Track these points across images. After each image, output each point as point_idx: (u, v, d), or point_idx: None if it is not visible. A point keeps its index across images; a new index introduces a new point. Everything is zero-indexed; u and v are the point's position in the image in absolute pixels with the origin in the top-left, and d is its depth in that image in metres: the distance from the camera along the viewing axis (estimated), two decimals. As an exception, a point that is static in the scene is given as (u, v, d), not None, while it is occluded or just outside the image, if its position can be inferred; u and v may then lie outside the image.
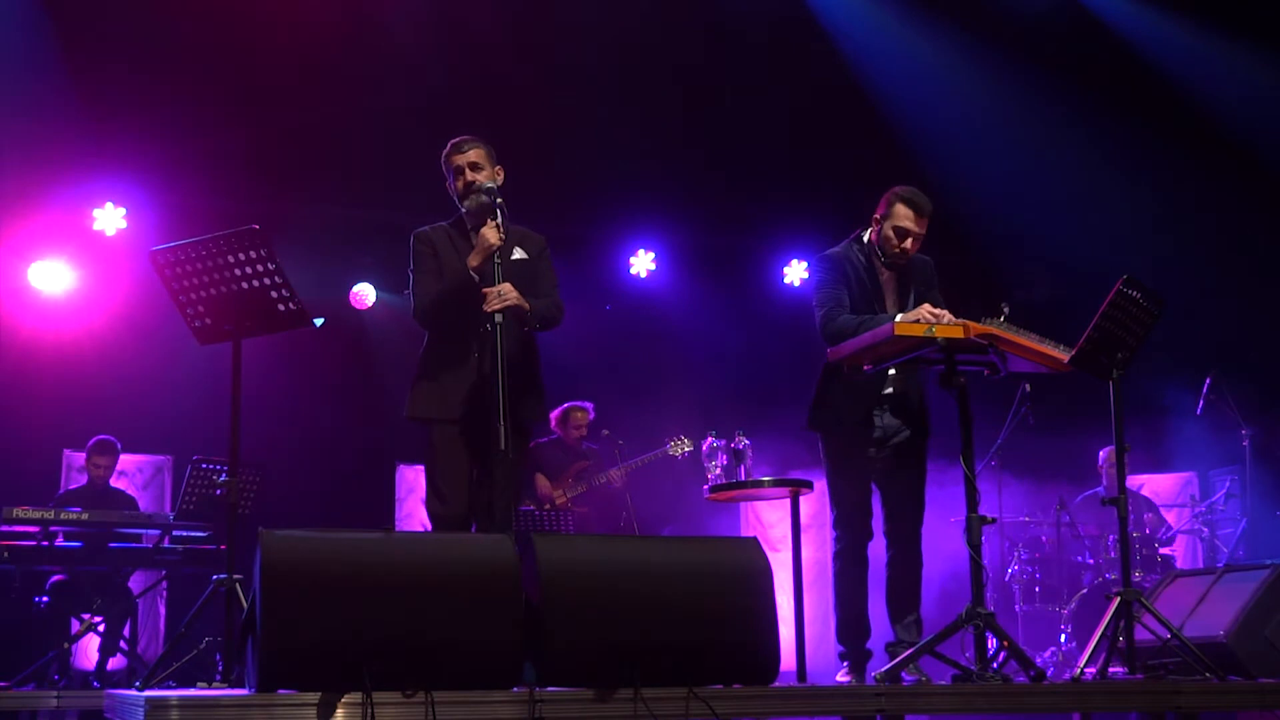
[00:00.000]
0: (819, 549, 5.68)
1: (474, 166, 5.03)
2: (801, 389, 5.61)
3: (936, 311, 4.95)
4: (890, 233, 5.34)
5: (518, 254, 4.95)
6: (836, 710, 4.48)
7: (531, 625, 3.93)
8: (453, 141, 5.12)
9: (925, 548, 5.45)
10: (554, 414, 8.69)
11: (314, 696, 3.64)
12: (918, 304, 5.23)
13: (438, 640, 3.76)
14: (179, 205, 9.14)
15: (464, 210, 5.05)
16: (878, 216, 5.40)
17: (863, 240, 5.49)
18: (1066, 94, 9.55)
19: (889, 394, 5.42)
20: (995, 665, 4.79)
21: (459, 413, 4.90)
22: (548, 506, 8.31)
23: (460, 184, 5.04)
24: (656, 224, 10.45)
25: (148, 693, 3.81)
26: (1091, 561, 8.46)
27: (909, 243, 5.35)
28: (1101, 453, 8.80)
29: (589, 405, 8.79)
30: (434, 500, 4.96)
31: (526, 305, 4.87)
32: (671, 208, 10.08)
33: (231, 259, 4.54)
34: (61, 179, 8.90)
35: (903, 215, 5.32)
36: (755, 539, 4.45)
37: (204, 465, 7.43)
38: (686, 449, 8.62)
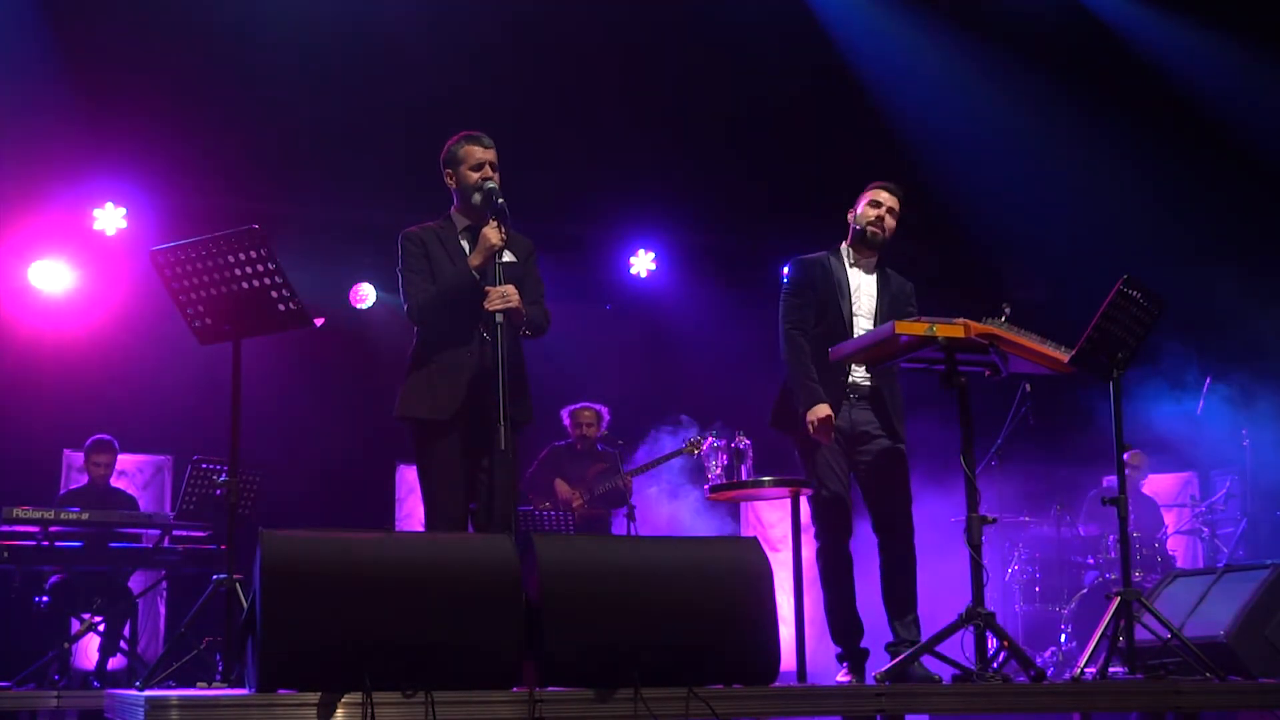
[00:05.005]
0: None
1: (491, 165, 5.02)
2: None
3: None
4: (866, 209, 5.56)
5: (507, 257, 4.93)
6: (836, 710, 4.48)
7: (531, 625, 3.93)
8: (470, 134, 5.04)
9: (927, 547, 5.44)
10: (564, 414, 8.68)
11: (314, 696, 3.64)
12: (885, 318, 5.37)
13: (438, 640, 3.76)
14: (179, 205, 9.14)
15: (468, 202, 5.02)
16: (853, 212, 5.61)
17: (840, 250, 5.62)
18: (1067, 93, 9.55)
19: (854, 385, 5.41)
20: (995, 665, 4.79)
21: (452, 413, 4.87)
22: (564, 509, 8.27)
23: (476, 177, 5.00)
24: (656, 224, 10.45)
25: (148, 693, 3.81)
26: (1091, 561, 8.46)
27: (883, 212, 5.53)
28: (1125, 455, 8.78)
29: (600, 407, 8.76)
30: (428, 501, 4.95)
31: (524, 310, 4.87)
32: (671, 208, 10.07)
33: (231, 259, 4.54)
34: (61, 179, 8.90)
35: (872, 194, 5.57)
36: (755, 539, 4.46)
37: (204, 465, 7.44)
38: (700, 449, 8.62)
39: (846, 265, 5.56)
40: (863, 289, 5.53)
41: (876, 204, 5.53)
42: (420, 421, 4.93)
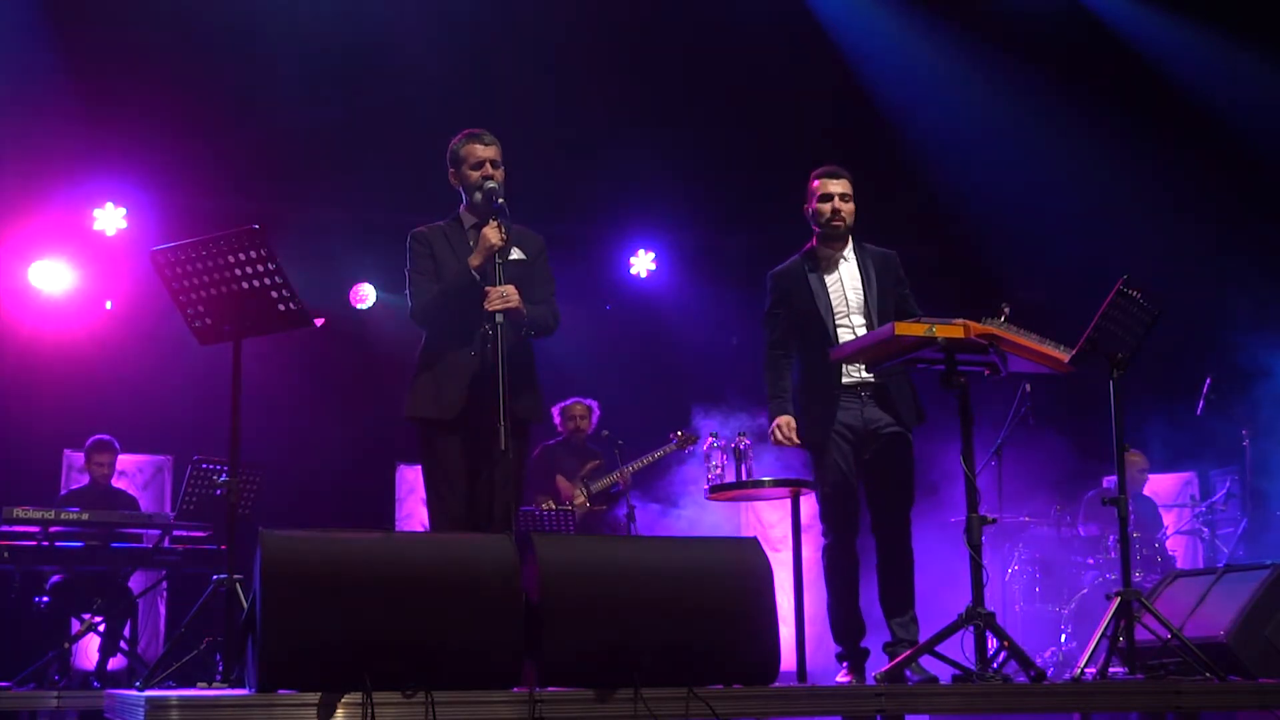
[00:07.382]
0: (819, 549, 5.71)
1: (493, 163, 5.01)
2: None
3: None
4: (820, 205, 5.51)
5: (516, 254, 4.93)
6: (836, 710, 4.48)
7: (531, 625, 3.93)
8: (472, 132, 5.03)
9: (927, 547, 5.43)
10: (555, 411, 8.68)
11: (314, 696, 3.64)
12: (883, 298, 5.41)
13: (438, 640, 3.76)
14: (179, 205, 9.15)
15: (471, 201, 5.02)
16: (807, 208, 5.57)
17: (811, 250, 5.60)
18: (1067, 93, 9.55)
19: (864, 383, 5.40)
20: (995, 665, 4.79)
21: (457, 412, 4.88)
22: (569, 506, 8.26)
23: (476, 176, 4.98)
24: (656, 224, 10.45)
25: (148, 693, 3.81)
26: (1091, 561, 8.46)
27: (836, 202, 5.49)
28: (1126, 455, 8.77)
29: (591, 402, 8.76)
30: (433, 501, 4.95)
31: (525, 311, 4.86)
32: (671, 208, 10.07)
33: (231, 259, 4.54)
34: (61, 179, 8.91)
35: (820, 186, 5.53)
36: (755, 539, 4.45)
37: (204, 465, 7.44)
38: (692, 443, 8.61)
39: (821, 265, 5.53)
40: (844, 282, 5.50)
41: (827, 196, 5.50)
42: (427, 421, 4.94)
